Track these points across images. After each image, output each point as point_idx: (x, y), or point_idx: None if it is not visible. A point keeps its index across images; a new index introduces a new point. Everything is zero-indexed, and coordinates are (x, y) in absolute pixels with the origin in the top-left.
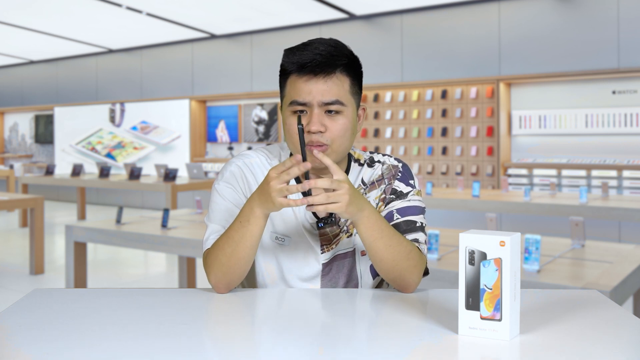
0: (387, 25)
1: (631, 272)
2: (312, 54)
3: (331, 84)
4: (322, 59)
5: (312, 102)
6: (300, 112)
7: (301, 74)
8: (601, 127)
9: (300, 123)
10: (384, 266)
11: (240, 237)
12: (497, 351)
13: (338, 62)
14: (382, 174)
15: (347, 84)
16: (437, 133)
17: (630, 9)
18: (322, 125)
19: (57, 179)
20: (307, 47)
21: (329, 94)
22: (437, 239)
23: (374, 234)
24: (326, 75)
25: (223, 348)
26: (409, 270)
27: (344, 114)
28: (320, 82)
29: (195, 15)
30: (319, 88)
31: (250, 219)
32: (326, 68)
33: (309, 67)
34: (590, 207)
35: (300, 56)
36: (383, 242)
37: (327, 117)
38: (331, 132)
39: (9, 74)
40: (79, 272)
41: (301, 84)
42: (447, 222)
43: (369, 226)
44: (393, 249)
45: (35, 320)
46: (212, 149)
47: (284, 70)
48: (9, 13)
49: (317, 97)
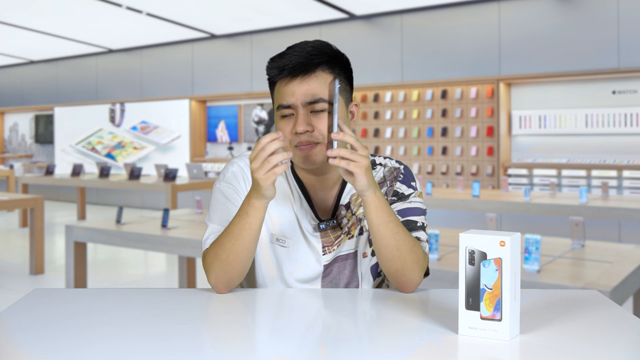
0: (387, 25)
1: (631, 272)
2: (290, 57)
3: (312, 82)
4: (299, 59)
5: (296, 104)
6: (288, 116)
7: (283, 78)
8: (601, 127)
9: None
10: (387, 254)
11: (240, 231)
12: (497, 351)
13: (317, 60)
14: (383, 176)
15: (330, 79)
16: (437, 133)
17: (630, 9)
18: (308, 125)
19: (57, 179)
20: (288, 52)
21: (311, 92)
22: (437, 239)
23: (383, 216)
24: (305, 74)
25: (223, 348)
26: (411, 265)
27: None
28: (304, 82)
29: (195, 15)
30: (301, 89)
31: (249, 211)
32: (305, 67)
33: (288, 69)
34: (590, 207)
35: (279, 61)
36: (390, 228)
37: (314, 116)
38: (320, 131)
39: (9, 74)
40: (79, 272)
41: (284, 88)
42: (447, 222)
43: (379, 207)
44: (399, 236)
45: (35, 320)
46: (212, 149)
47: (269, 79)
48: (9, 13)
49: (299, 97)
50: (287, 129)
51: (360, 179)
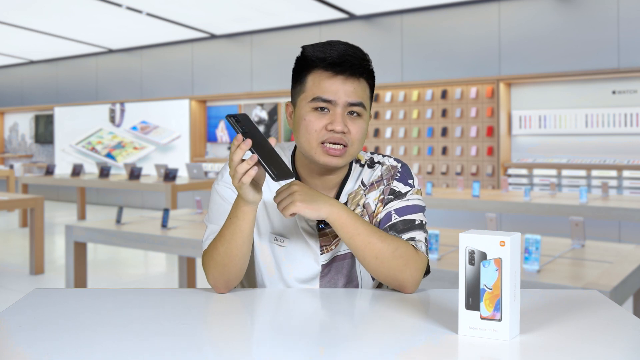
0: (387, 25)
1: (631, 272)
2: (341, 54)
3: (357, 87)
4: (354, 60)
5: (338, 102)
6: (321, 110)
7: (330, 72)
8: (601, 127)
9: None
10: (368, 265)
11: (231, 235)
12: (497, 351)
13: (366, 67)
14: (381, 175)
15: (367, 90)
16: (437, 133)
17: (630, 9)
18: (345, 126)
19: (57, 179)
20: (335, 47)
21: (355, 95)
22: (437, 239)
23: (350, 230)
24: (355, 78)
25: (223, 348)
26: (398, 269)
27: (364, 117)
28: (348, 83)
29: (195, 15)
30: (347, 89)
31: (238, 214)
32: (356, 70)
33: (341, 67)
34: (590, 207)
35: (331, 53)
36: (361, 240)
37: (349, 118)
38: (352, 135)
39: (9, 74)
40: (79, 272)
41: (328, 82)
42: (447, 222)
43: (343, 223)
44: (373, 246)
45: (35, 320)
46: (212, 149)
47: (307, 63)
48: (9, 13)
49: (343, 97)
50: (319, 123)
51: (304, 213)
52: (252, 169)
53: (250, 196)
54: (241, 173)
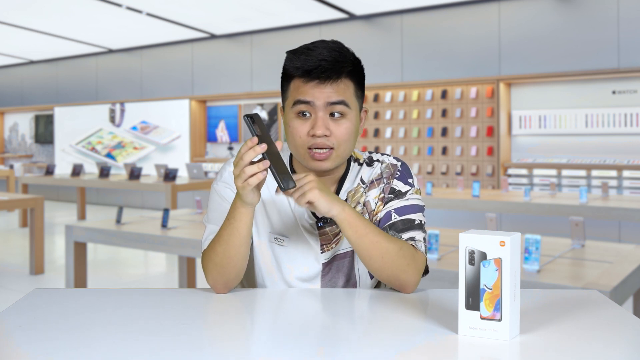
0: (387, 25)
1: (631, 272)
2: (317, 60)
3: (337, 87)
4: (327, 65)
5: (317, 104)
6: (303, 115)
7: (306, 80)
8: (601, 127)
9: (248, 115)
10: (374, 264)
11: (229, 235)
12: (497, 351)
13: (343, 68)
14: (380, 172)
15: (352, 88)
16: (437, 133)
17: (630, 9)
18: (326, 129)
19: (57, 179)
20: (311, 52)
21: (336, 95)
22: (437, 239)
23: (359, 230)
24: (332, 81)
25: (223, 348)
26: (401, 268)
27: (348, 117)
28: (327, 85)
29: (195, 15)
30: (325, 91)
31: (235, 215)
32: (332, 74)
33: (315, 73)
34: (590, 207)
35: (305, 61)
36: (369, 240)
37: (332, 120)
38: (336, 136)
39: (9, 74)
40: (79, 272)
41: (304, 86)
42: (447, 222)
43: (352, 222)
44: (380, 245)
45: (35, 320)
46: (212, 149)
47: (287, 74)
48: (9, 13)
49: (321, 98)
50: (302, 129)
51: (319, 203)
52: (261, 173)
53: (250, 198)
54: (248, 174)
